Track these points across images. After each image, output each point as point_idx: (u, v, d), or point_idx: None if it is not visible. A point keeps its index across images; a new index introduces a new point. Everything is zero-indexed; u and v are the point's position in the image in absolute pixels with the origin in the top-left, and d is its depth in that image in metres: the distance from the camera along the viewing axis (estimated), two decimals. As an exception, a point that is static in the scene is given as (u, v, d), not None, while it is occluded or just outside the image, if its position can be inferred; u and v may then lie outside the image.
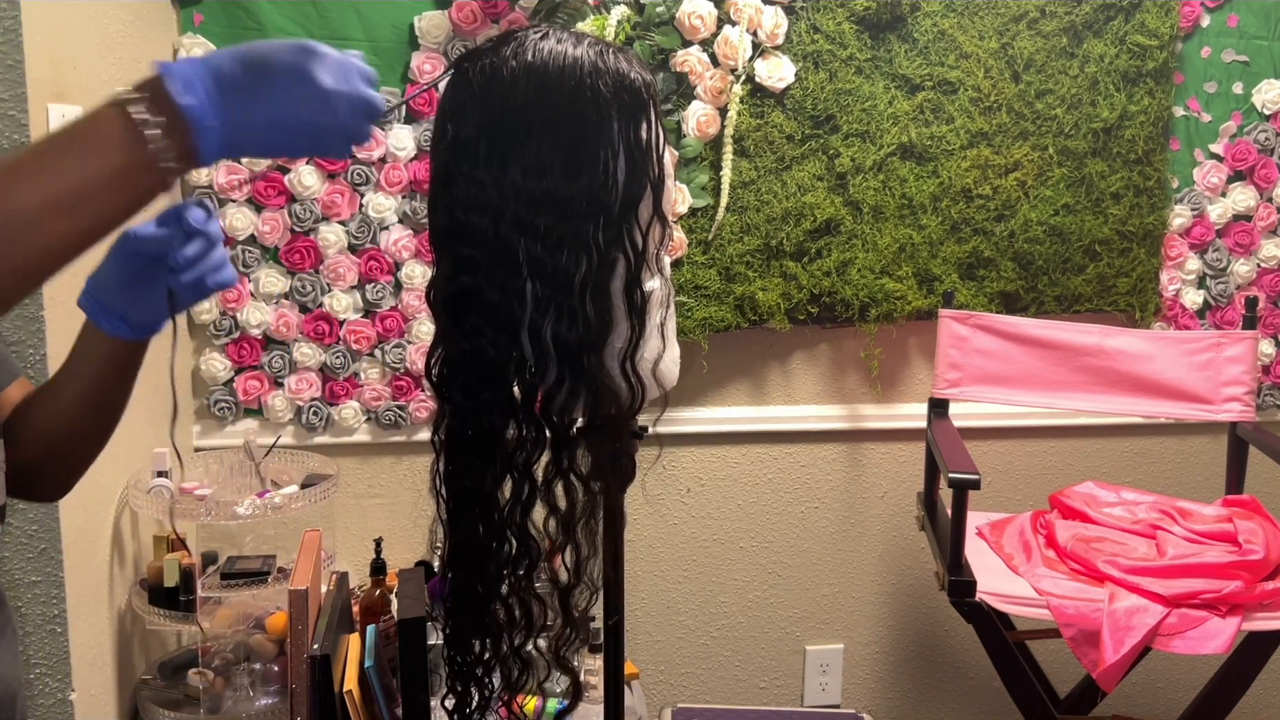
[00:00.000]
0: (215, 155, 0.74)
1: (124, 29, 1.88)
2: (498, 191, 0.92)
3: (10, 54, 1.48)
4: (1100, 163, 2.34)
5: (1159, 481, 2.53)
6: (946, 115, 2.30)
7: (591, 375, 0.96)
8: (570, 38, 0.95)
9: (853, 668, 2.58)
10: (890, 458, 2.49)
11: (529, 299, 0.95)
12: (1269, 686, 2.65)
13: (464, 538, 1.02)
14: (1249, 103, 2.39)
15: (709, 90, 2.22)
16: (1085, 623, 1.84)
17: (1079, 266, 2.37)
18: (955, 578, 1.89)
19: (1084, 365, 2.26)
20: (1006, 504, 2.44)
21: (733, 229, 2.27)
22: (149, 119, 0.69)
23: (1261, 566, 1.90)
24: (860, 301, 2.33)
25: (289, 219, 2.18)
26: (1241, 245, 2.44)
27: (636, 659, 2.48)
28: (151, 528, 1.99)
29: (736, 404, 2.43)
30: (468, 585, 1.03)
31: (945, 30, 2.27)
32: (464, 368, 0.97)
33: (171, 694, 1.91)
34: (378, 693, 1.66)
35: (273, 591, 1.91)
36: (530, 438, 0.99)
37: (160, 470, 1.90)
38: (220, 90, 0.72)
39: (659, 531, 2.46)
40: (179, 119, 0.71)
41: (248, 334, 2.21)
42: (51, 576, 1.60)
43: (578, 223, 0.93)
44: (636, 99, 0.95)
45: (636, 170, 0.95)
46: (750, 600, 2.52)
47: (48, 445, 1.01)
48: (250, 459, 2.06)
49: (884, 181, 2.30)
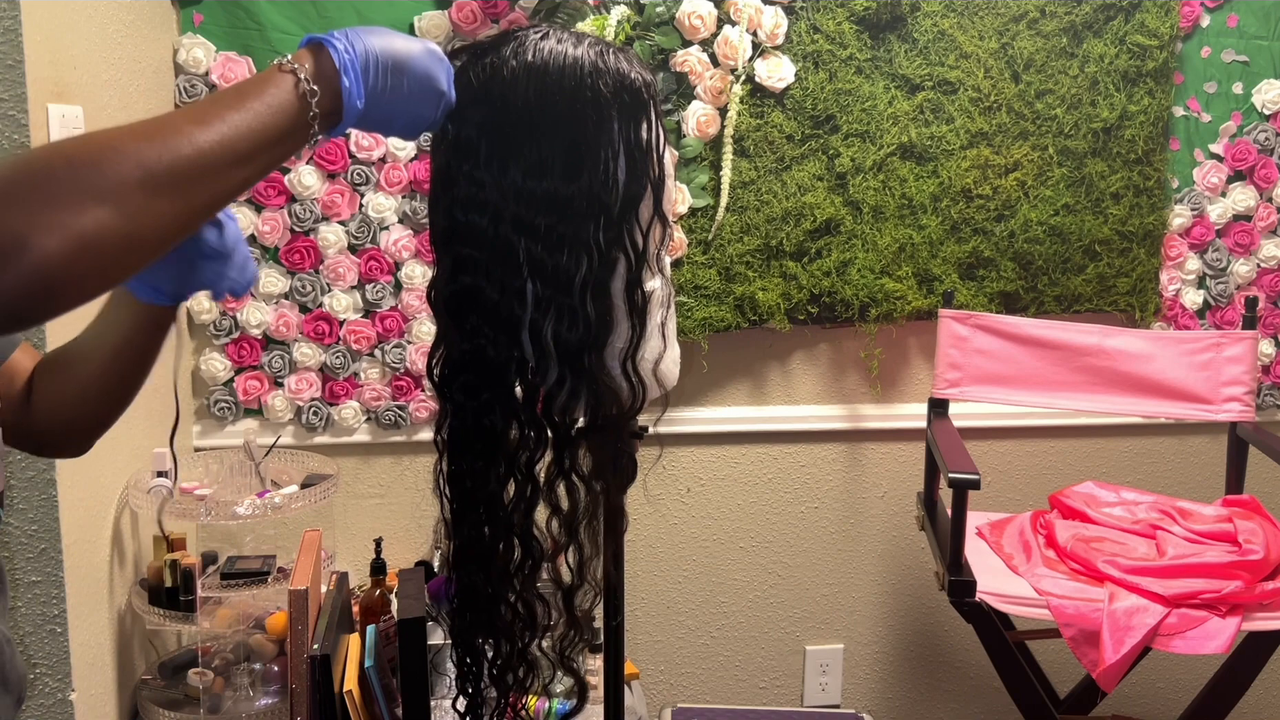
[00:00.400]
0: (345, 129, 0.83)
1: (124, 29, 1.88)
2: (498, 191, 0.92)
3: (10, 54, 1.48)
4: (1100, 163, 2.34)
5: (1159, 481, 2.53)
6: (946, 115, 2.30)
7: (592, 375, 0.96)
8: (570, 37, 0.95)
9: (853, 668, 2.58)
10: (890, 458, 2.49)
11: (529, 299, 0.95)
12: (1269, 686, 2.65)
13: (468, 538, 1.02)
14: (1249, 103, 2.39)
15: (709, 90, 2.22)
16: (1085, 623, 1.84)
17: (1079, 266, 2.37)
18: (955, 578, 1.89)
19: (1084, 365, 2.26)
20: (1006, 504, 2.44)
21: (733, 229, 2.27)
22: (315, 90, 0.79)
23: (1261, 566, 1.91)
24: (860, 301, 2.33)
25: (289, 219, 2.18)
26: (1241, 245, 2.44)
27: (636, 659, 2.48)
28: (151, 528, 1.99)
29: (736, 404, 2.43)
30: (473, 586, 1.03)
31: (945, 30, 2.27)
32: (465, 368, 0.97)
33: (171, 694, 1.91)
34: (378, 693, 1.66)
35: (273, 591, 1.91)
36: (532, 438, 0.99)
37: (160, 470, 1.90)
38: (367, 78, 0.82)
39: (659, 531, 2.46)
40: (336, 95, 0.81)
41: (248, 334, 2.21)
42: (51, 576, 1.60)
43: (578, 223, 0.93)
44: (637, 99, 0.95)
45: (637, 170, 0.95)
46: (750, 600, 2.52)
47: (75, 406, 1.03)
48: (250, 459, 2.06)
49: (884, 181, 2.30)
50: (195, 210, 0.73)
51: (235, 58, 2.12)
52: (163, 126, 0.72)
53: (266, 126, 0.76)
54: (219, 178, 0.73)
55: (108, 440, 1.80)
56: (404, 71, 0.85)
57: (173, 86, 2.11)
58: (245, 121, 0.75)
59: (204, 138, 0.72)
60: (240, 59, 2.12)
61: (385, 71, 0.83)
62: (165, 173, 0.70)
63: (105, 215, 0.67)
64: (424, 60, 0.86)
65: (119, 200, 0.68)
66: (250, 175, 0.76)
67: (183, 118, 0.73)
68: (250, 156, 0.75)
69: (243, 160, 0.75)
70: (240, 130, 0.74)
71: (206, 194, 0.73)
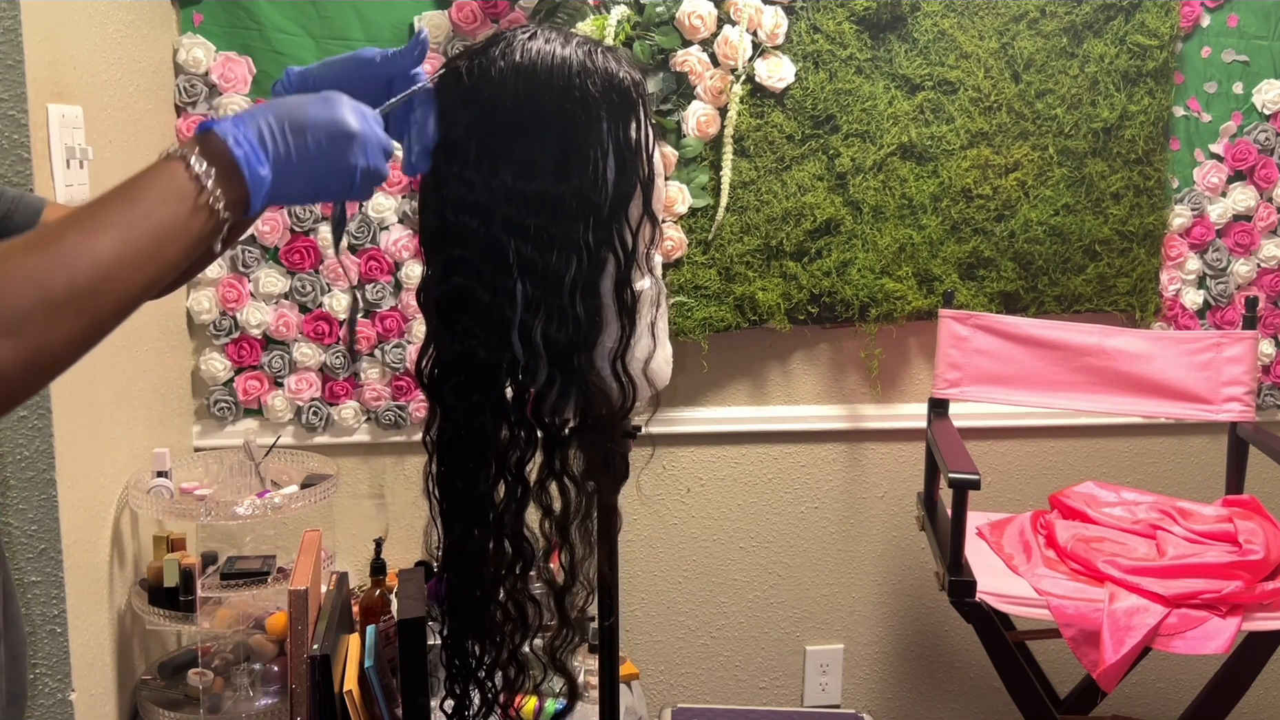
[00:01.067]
0: (264, 203, 0.79)
1: (124, 29, 1.88)
2: (488, 193, 0.92)
3: (10, 54, 1.48)
4: (1100, 163, 2.34)
5: (1159, 481, 2.53)
6: (946, 115, 2.30)
7: (582, 375, 0.97)
8: (559, 37, 0.94)
9: (853, 668, 2.58)
10: (890, 458, 2.49)
11: (519, 300, 0.95)
12: (1269, 686, 2.65)
13: (459, 540, 1.02)
14: (1249, 103, 2.39)
15: (709, 90, 2.22)
16: (1085, 623, 1.84)
17: (1079, 266, 2.37)
18: (955, 578, 1.89)
19: (1084, 365, 2.26)
20: (1006, 504, 2.44)
21: (733, 229, 2.27)
22: (207, 168, 0.75)
23: (1261, 566, 1.90)
24: (860, 301, 2.33)
25: (289, 219, 2.19)
26: (1241, 245, 2.43)
27: (636, 659, 2.48)
28: (151, 528, 2.00)
29: (736, 404, 2.43)
30: (464, 588, 1.04)
31: (945, 30, 2.27)
32: (455, 369, 0.97)
33: (171, 694, 1.92)
34: (378, 693, 1.66)
35: (273, 591, 1.91)
36: (522, 439, 0.99)
37: (160, 470, 1.90)
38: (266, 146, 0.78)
39: (659, 531, 2.46)
40: (235, 169, 0.76)
41: (248, 334, 2.21)
42: (51, 576, 1.61)
43: (568, 223, 0.94)
44: (625, 98, 0.95)
45: (626, 170, 0.95)
46: (750, 600, 2.52)
47: None
48: (250, 459, 2.06)
49: (884, 181, 2.30)
50: (102, 321, 0.70)
51: (235, 58, 2.12)
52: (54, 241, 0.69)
53: (164, 219, 0.72)
54: (121, 284, 0.70)
55: (108, 440, 1.81)
56: (305, 128, 0.80)
57: (173, 86, 2.11)
58: (138, 218, 0.71)
59: (99, 246, 0.69)
60: (240, 59, 2.13)
61: (284, 134, 0.79)
62: (63, 292, 0.67)
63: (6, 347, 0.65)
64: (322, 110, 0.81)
65: (19, 331, 0.65)
66: (156, 274, 0.72)
67: (74, 228, 0.70)
68: (152, 256, 0.72)
69: (144, 260, 0.71)
70: (136, 229, 0.71)
71: (110, 303, 0.70)
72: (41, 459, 1.57)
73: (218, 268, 2.17)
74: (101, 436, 1.79)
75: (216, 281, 2.18)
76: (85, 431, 1.71)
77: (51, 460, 1.57)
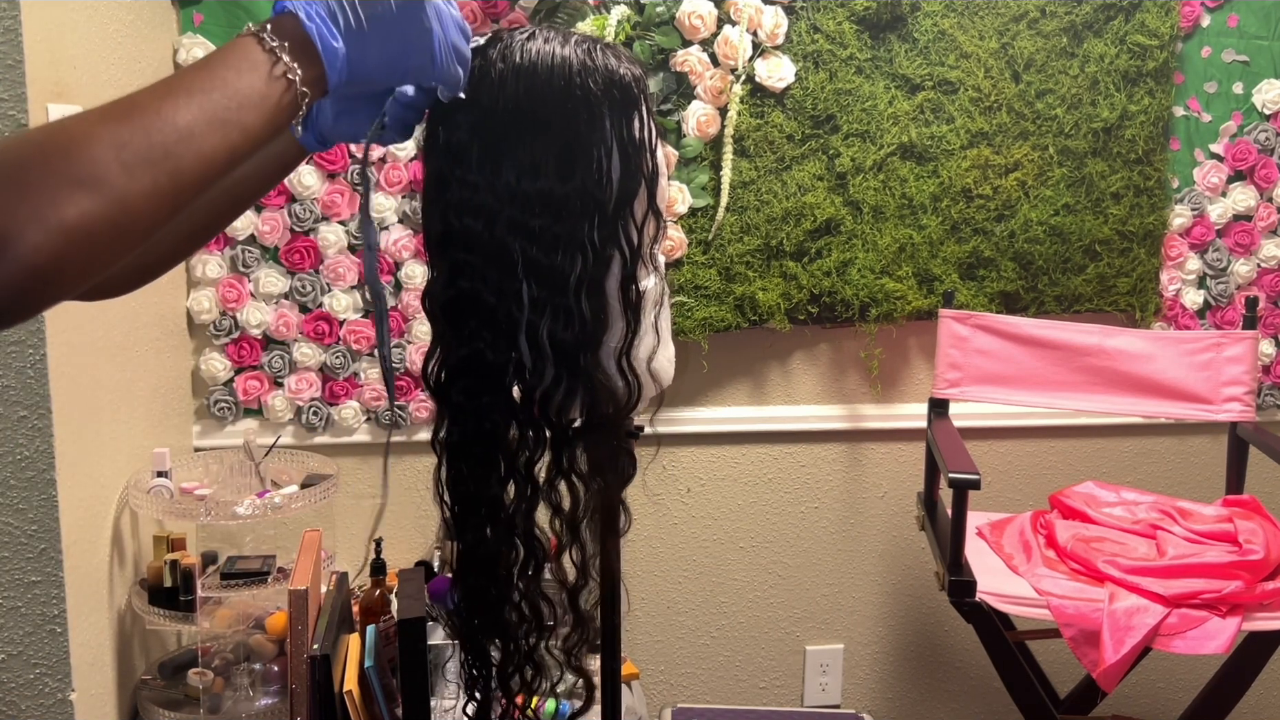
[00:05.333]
0: (341, 77, 0.80)
1: (124, 29, 1.88)
2: (492, 195, 0.92)
3: (10, 54, 1.48)
4: (1100, 163, 2.34)
5: (1159, 481, 2.53)
6: (946, 115, 2.30)
7: (588, 374, 0.96)
8: (557, 36, 0.94)
9: (853, 668, 2.58)
10: (890, 458, 2.49)
11: (525, 300, 0.94)
12: (1269, 686, 2.65)
13: (472, 542, 1.02)
14: (1249, 103, 2.39)
15: (709, 90, 2.22)
16: (1085, 623, 1.84)
17: (1079, 266, 2.37)
18: (955, 578, 1.89)
19: (1084, 365, 2.26)
20: (1006, 504, 2.44)
21: (733, 229, 2.27)
22: (281, 42, 0.76)
23: (1261, 566, 1.90)
24: (860, 301, 2.33)
25: (289, 219, 2.19)
26: (1242, 245, 2.44)
27: (636, 659, 2.48)
28: (151, 527, 2.00)
29: (736, 404, 2.43)
30: (480, 590, 1.03)
31: (945, 30, 2.27)
32: (463, 372, 0.97)
33: (171, 694, 1.92)
34: (378, 693, 1.66)
35: (273, 591, 1.91)
36: (531, 439, 0.98)
37: (160, 470, 1.90)
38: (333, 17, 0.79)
39: (659, 531, 2.46)
40: (308, 43, 0.78)
41: (248, 334, 2.21)
42: (51, 576, 1.60)
43: (573, 222, 0.93)
44: (627, 95, 0.95)
45: (630, 166, 0.95)
46: (750, 600, 2.52)
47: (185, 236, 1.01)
48: (250, 459, 2.06)
49: (884, 181, 2.30)
50: (184, 186, 0.70)
51: (235, 58, 2.12)
52: (133, 105, 0.70)
53: (240, 87, 0.74)
54: (199, 144, 0.71)
55: (108, 440, 1.81)
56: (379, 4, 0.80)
57: (173, 87, 2.11)
58: (215, 84, 0.73)
59: (175, 107, 0.70)
60: (240, 59, 2.12)
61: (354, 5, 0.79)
62: (142, 150, 0.68)
63: (87, 202, 0.65)
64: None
65: (98, 185, 0.65)
66: (238, 140, 0.73)
67: (151, 93, 0.71)
68: (228, 120, 0.72)
69: (221, 124, 0.72)
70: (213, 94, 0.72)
71: (190, 163, 0.70)
72: (41, 459, 1.57)
73: (218, 268, 2.17)
74: (101, 436, 1.79)
75: (216, 281, 2.18)
76: (85, 431, 1.71)
77: (51, 460, 1.57)
